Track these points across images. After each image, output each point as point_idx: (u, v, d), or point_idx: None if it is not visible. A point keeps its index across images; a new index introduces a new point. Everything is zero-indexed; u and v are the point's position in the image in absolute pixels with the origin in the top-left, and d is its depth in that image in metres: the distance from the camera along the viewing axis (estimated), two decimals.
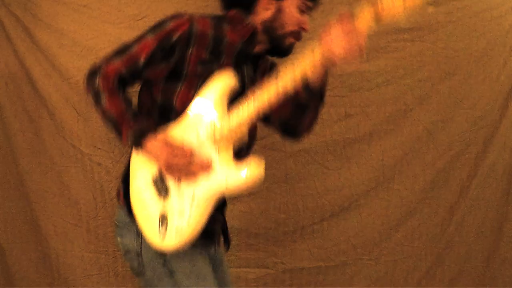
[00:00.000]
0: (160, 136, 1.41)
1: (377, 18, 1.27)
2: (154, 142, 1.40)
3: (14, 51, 2.05)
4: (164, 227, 1.41)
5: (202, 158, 1.41)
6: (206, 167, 1.40)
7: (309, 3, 1.53)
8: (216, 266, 1.58)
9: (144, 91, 1.54)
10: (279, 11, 1.51)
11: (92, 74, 1.45)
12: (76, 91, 2.07)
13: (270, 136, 2.13)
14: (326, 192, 2.20)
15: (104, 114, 1.43)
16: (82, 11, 2.03)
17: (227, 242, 1.63)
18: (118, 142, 1.46)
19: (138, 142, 1.41)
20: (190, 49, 1.45)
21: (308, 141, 2.15)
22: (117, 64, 1.44)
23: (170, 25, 1.46)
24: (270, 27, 1.52)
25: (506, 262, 2.29)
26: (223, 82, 1.44)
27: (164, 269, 1.45)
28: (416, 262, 2.28)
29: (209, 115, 1.43)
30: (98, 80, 1.43)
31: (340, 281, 2.26)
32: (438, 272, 2.29)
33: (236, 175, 1.38)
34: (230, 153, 1.41)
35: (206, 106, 1.43)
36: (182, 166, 1.40)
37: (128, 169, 1.52)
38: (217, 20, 1.52)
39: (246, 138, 1.46)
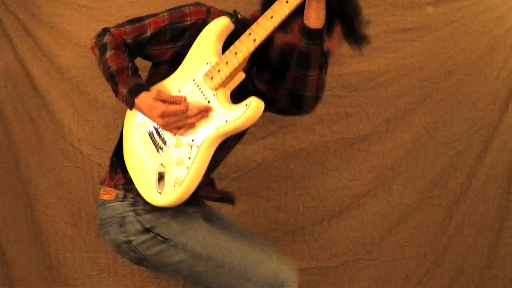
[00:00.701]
0: (153, 88, 1.41)
1: None
2: (148, 94, 1.38)
3: (14, 51, 2.06)
4: (162, 182, 1.40)
5: (199, 104, 1.38)
6: (204, 112, 1.38)
7: None
8: (209, 219, 1.56)
9: (150, 74, 1.55)
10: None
11: (102, 33, 1.47)
12: (76, 91, 2.07)
13: (270, 136, 2.13)
14: (326, 192, 2.20)
15: (105, 66, 1.42)
16: (82, 11, 2.02)
17: (224, 200, 1.60)
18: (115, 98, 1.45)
19: (132, 95, 1.39)
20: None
21: (308, 141, 2.16)
22: (126, 29, 1.46)
23: (188, 10, 1.45)
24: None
25: (506, 262, 2.29)
26: (217, 23, 1.41)
27: (157, 240, 1.43)
28: (416, 262, 2.28)
29: (206, 59, 1.40)
30: (107, 37, 1.44)
31: (340, 281, 2.26)
32: (438, 272, 2.29)
33: (237, 112, 1.34)
34: (228, 93, 1.39)
35: (202, 51, 1.41)
36: (178, 112, 1.37)
37: (120, 142, 1.51)
38: (235, 20, 1.48)
39: (243, 75, 1.40)
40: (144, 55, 1.52)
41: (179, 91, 1.43)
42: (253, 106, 1.32)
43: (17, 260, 2.18)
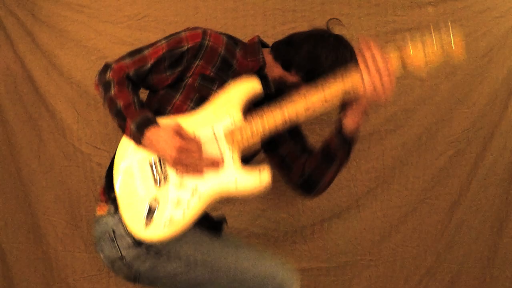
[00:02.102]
0: (169, 125, 1.37)
1: (403, 64, 1.29)
2: (160, 131, 1.36)
3: (14, 51, 2.06)
4: (151, 216, 1.37)
5: (213, 155, 1.38)
6: (216, 164, 1.38)
7: None
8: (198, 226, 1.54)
9: (148, 97, 1.56)
10: (286, 79, 1.52)
11: (104, 70, 1.47)
12: (76, 91, 2.07)
13: None
14: (326, 192, 2.17)
15: (111, 103, 1.42)
16: (82, 11, 2.03)
17: (216, 228, 1.57)
18: (121, 133, 1.44)
19: (141, 130, 1.37)
20: (197, 62, 1.45)
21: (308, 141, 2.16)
22: (127, 63, 1.46)
23: (184, 34, 1.47)
24: (284, 85, 1.51)
25: (506, 262, 2.29)
26: (251, 87, 1.43)
27: (150, 253, 1.41)
28: (416, 262, 2.28)
29: (230, 114, 1.41)
30: (109, 74, 1.44)
31: (341, 282, 2.26)
32: (438, 272, 2.29)
33: (248, 178, 1.36)
34: (239, 156, 1.40)
35: (227, 105, 1.42)
36: (191, 160, 1.36)
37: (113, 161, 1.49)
38: (232, 42, 1.51)
39: (259, 146, 1.44)
40: (146, 85, 1.52)
41: (194, 132, 1.41)
42: (265, 180, 1.36)
43: (17, 260, 2.18)
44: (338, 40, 1.53)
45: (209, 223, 1.53)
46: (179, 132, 1.36)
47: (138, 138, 1.39)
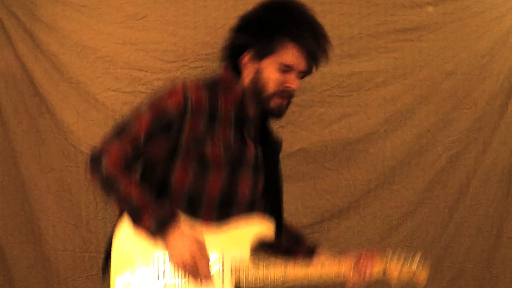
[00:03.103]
0: (193, 236, 1.42)
1: (384, 272, 1.64)
2: (183, 235, 1.40)
3: (14, 51, 2.06)
4: None
5: (214, 275, 1.45)
6: (212, 284, 1.44)
7: (285, 68, 1.50)
8: None
9: (146, 167, 1.55)
10: (258, 72, 1.51)
11: (96, 159, 1.43)
12: (76, 91, 2.07)
13: None
14: (325, 192, 2.20)
15: (123, 200, 1.42)
16: (82, 11, 2.03)
17: None
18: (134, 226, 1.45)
19: (161, 228, 1.39)
20: (186, 123, 1.45)
21: (308, 141, 2.16)
22: (120, 146, 1.43)
23: (166, 101, 1.46)
24: (254, 89, 1.52)
25: (506, 262, 2.29)
26: (262, 229, 1.53)
27: None
28: None
29: (240, 249, 1.49)
30: (106, 166, 1.41)
31: (340, 282, 2.25)
32: (438, 272, 2.29)
33: None
34: (233, 285, 1.48)
35: (240, 239, 1.50)
36: (197, 271, 1.41)
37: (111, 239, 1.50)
38: (211, 87, 1.52)
39: None
40: (144, 157, 1.52)
41: (208, 252, 1.46)
42: None
43: (17, 260, 2.17)
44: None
45: None
46: (200, 245, 1.42)
47: (155, 233, 1.41)
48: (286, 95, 1.52)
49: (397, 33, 2.13)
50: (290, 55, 1.48)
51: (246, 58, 1.51)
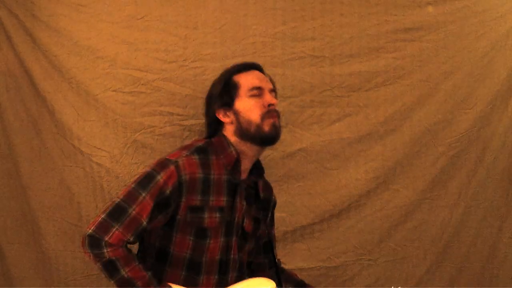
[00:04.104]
0: None
1: None
2: None
3: (14, 51, 2.05)
4: None
5: None
6: None
7: (255, 91, 1.58)
8: None
9: (147, 237, 1.59)
10: (237, 113, 1.58)
11: (96, 243, 1.47)
12: (76, 91, 2.07)
13: None
14: (325, 192, 2.20)
15: (127, 283, 1.44)
16: (82, 11, 2.03)
17: None
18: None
19: None
20: (183, 198, 1.50)
21: (308, 141, 2.16)
22: (120, 231, 1.46)
23: (160, 180, 1.49)
24: (243, 129, 1.57)
25: (506, 262, 2.29)
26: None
27: None
28: (416, 262, 2.28)
29: None
30: (107, 252, 1.44)
31: (340, 282, 2.26)
32: (438, 272, 2.29)
33: None
34: None
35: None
36: None
37: None
38: (204, 155, 1.57)
39: None
40: (143, 235, 1.56)
41: None
42: None
43: (16, 260, 2.17)
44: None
45: None
46: None
47: None
48: (273, 113, 1.58)
49: (397, 33, 2.13)
50: (249, 78, 1.61)
51: (221, 115, 1.61)
